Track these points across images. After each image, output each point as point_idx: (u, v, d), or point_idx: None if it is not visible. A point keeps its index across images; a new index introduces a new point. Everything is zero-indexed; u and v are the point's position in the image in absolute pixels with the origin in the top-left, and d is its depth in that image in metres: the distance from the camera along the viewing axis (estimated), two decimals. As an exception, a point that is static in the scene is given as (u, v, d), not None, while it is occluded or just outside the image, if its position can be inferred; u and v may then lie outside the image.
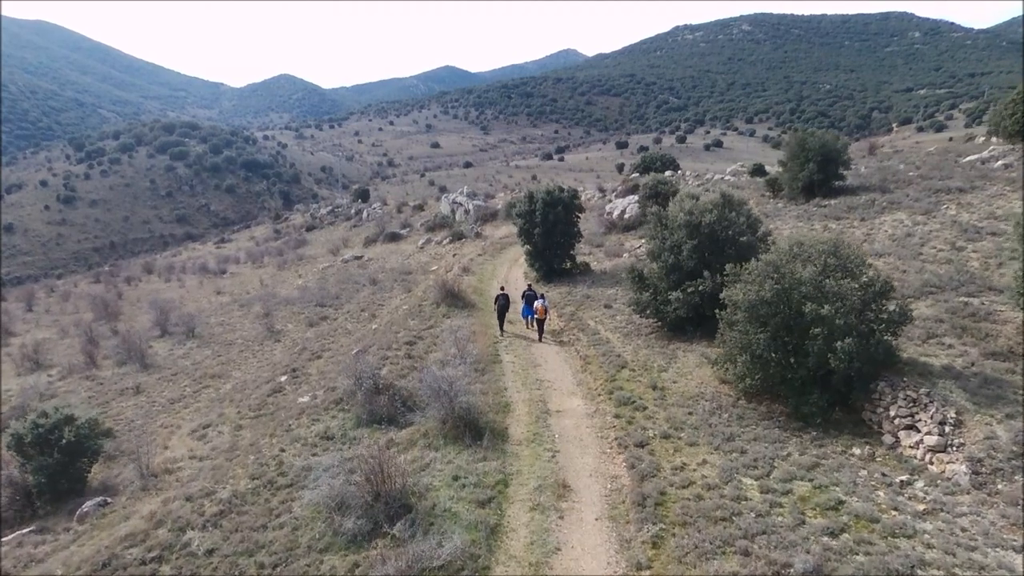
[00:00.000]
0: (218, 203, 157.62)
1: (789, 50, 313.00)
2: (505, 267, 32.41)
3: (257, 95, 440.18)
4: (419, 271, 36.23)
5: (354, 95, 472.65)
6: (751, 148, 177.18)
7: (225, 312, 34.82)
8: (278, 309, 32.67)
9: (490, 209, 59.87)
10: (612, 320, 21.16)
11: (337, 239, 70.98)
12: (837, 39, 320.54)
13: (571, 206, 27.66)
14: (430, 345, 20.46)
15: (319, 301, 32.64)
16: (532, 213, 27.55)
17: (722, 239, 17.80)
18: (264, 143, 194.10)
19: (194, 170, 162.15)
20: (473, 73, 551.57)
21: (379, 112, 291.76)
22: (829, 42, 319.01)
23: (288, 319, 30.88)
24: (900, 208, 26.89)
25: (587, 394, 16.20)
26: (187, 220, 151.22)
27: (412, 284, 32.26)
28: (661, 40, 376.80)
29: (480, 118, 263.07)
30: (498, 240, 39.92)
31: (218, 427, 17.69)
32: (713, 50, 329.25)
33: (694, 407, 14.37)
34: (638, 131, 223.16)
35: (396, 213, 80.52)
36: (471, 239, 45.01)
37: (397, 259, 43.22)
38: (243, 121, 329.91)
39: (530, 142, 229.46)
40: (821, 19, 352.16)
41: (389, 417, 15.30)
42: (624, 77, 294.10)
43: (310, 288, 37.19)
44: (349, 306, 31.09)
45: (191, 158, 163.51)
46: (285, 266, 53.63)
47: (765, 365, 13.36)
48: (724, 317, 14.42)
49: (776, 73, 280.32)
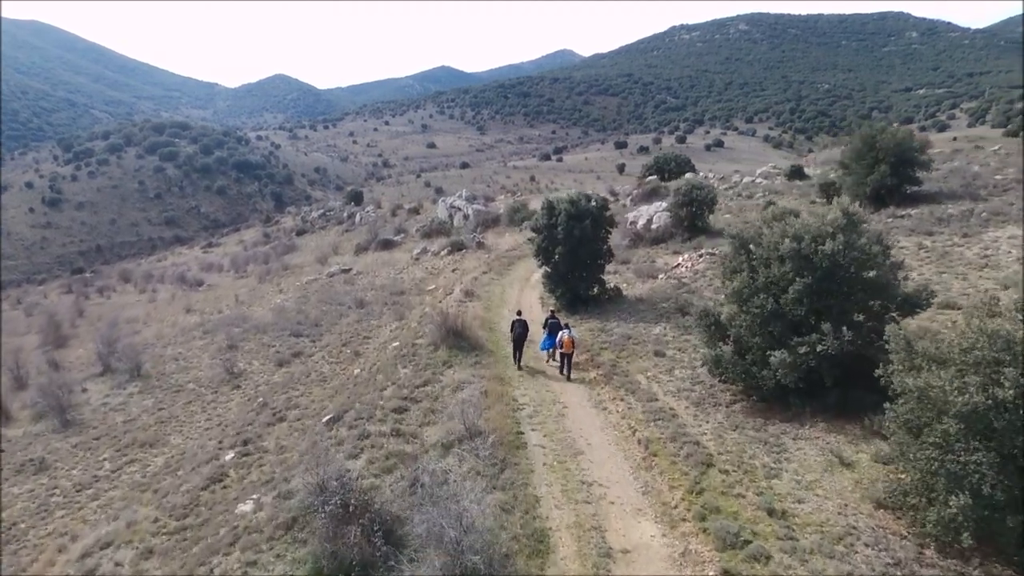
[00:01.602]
0: (208, 205, 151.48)
1: (786, 50, 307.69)
2: (516, 288, 26.75)
3: (252, 95, 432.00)
4: (413, 290, 30.59)
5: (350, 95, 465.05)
6: (753, 148, 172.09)
7: (185, 341, 29.08)
8: (246, 339, 27.03)
9: (491, 214, 54.21)
10: (670, 377, 15.49)
11: (327, 245, 65.47)
12: (834, 39, 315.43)
13: (600, 219, 21.93)
14: (427, 413, 14.81)
15: (295, 329, 26.99)
16: (552, 228, 21.84)
17: (845, 276, 12.21)
18: (257, 143, 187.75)
19: (184, 171, 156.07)
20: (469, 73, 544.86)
21: (374, 112, 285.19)
22: (826, 42, 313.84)
23: (255, 353, 25.17)
24: (1009, 220, 21.37)
25: (663, 514, 10.58)
26: (176, 222, 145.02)
27: (405, 308, 26.62)
28: (658, 40, 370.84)
29: (476, 118, 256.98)
30: (504, 253, 34.18)
31: (121, 547, 12.01)
32: (710, 50, 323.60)
33: (850, 558, 8.79)
34: (636, 131, 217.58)
35: (390, 217, 75.03)
36: (472, 249, 39.39)
37: (389, 273, 37.60)
38: (238, 121, 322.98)
39: (527, 142, 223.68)
40: (818, 19, 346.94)
41: (363, 563, 9.68)
42: (621, 77, 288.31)
43: (288, 309, 31.55)
44: (329, 337, 25.42)
45: (181, 159, 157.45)
46: (267, 277, 47.89)
47: (992, 508, 7.80)
48: (901, 415, 8.87)
49: (774, 73, 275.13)
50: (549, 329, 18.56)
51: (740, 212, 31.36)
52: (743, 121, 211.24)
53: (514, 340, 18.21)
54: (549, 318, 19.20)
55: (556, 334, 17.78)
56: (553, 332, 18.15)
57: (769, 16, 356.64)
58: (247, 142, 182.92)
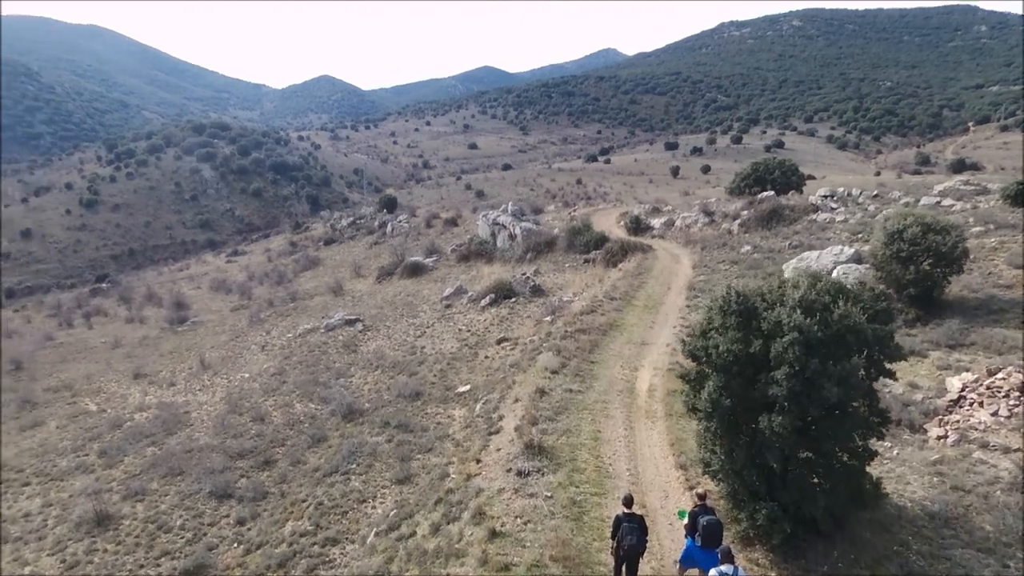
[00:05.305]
0: (243, 208, 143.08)
1: (844, 46, 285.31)
2: (618, 417, 14.11)
3: (297, 96, 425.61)
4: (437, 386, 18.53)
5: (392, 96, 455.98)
6: (817, 150, 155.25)
7: (45, 477, 17.32)
8: (143, 490, 15.34)
9: (544, 235, 41.74)
10: None
11: (350, 263, 54.60)
12: (895, 34, 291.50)
13: (885, 343, 8.77)
14: None
15: (228, 471, 15.19)
16: (749, 376, 8.88)
17: None
18: (297, 144, 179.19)
19: (220, 172, 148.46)
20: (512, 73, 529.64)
21: (416, 112, 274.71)
22: (887, 37, 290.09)
23: (140, 518, 13.43)
24: None
25: None
26: (210, 225, 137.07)
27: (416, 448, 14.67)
28: (706, 37, 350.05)
29: (519, 118, 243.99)
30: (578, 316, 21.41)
31: None
32: (762, 47, 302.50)
33: None
34: (686, 131, 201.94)
35: (425, 228, 63.80)
36: (525, 298, 27.09)
37: (406, 332, 25.62)
38: (282, 122, 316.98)
39: (571, 143, 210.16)
40: (877, 13, 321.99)
41: None
42: (669, 75, 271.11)
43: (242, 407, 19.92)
44: (275, 505, 13.53)
45: (218, 160, 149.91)
46: (261, 317, 36.50)
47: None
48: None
49: (831, 70, 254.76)
50: (702, 533, 8.55)
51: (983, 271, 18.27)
52: (802, 121, 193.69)
53: (620, 555, 8.56)
54: (695, 507, 8.86)
55: (714, 539, 8.44)
56: (708, 540, 8.45)
57: (824, 11, 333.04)
58: (286, 143, 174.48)
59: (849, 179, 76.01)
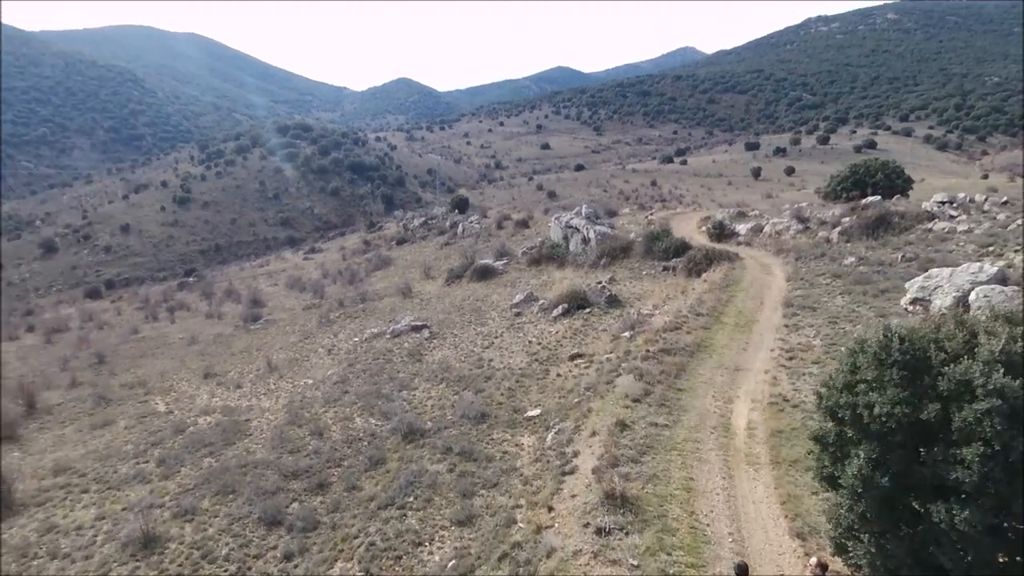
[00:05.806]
0: (322, 206, 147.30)
1: (944, 39, 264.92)
2: (714, 462, 12.04)
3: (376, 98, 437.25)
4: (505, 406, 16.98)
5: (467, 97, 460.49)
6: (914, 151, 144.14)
7: (117, 490, 16.86)
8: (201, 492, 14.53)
9: (620, 239, 39.48)
10: None
11: (420, 264, 54.23)
12: (1004, 26, 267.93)
13: None
14: None
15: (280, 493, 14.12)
16: (914, 447, 6.79)
17: None
18: (374, 144, 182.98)
19: (301, 172, 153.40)
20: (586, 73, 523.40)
21: (490, 113, 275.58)
22: (994, 29, 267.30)
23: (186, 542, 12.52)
24: None
25: None
26: (291, 223, 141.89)
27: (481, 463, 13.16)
28: (791, 33, 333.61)
29: (593, 118, 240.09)
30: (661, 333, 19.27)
31: None
32: (852, 42, 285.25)
33: None
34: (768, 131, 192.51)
35: (496, 229, 62.71)
36: (600, 309, 25.15)
37: (473, 341, 24.24)
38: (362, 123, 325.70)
39: (646, 143, 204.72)
40: (982, 5, 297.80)
41: None
42: (750, 73, 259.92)
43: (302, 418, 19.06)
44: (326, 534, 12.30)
45: (300, 160, 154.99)
46: (330, 319, 36.18)
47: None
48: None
49: (930, 65, 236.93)
50: None
51: None
52: (896, 119, 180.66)
53: None
54: None
55: None
56: None
57: (923, 3, 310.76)
58: (364, 143, 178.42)
59: (952, 182, 69.27)
